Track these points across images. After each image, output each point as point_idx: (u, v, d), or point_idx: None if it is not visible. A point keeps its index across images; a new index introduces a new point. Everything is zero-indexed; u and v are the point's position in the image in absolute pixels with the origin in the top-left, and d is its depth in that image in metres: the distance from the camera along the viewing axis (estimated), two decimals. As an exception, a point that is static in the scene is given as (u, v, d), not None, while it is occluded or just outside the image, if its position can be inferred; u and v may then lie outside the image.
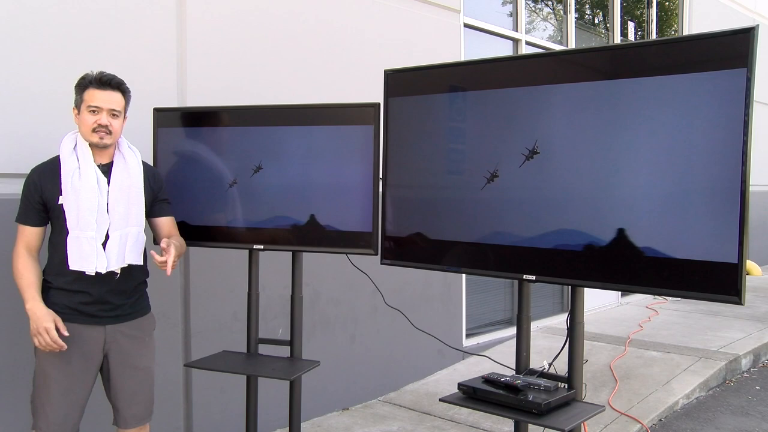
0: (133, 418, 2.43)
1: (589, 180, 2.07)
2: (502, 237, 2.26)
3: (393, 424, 3.71)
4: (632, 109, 1.99)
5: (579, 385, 2.19)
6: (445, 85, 2.42)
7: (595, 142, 2.06)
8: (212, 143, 2.79)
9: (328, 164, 2.65)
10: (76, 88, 2.31)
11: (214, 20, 3.28)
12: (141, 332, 2.45)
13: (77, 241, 2.25)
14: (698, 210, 1.89)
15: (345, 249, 2.66)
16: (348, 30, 3.89)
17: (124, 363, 2.39)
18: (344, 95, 3.13)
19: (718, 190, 1.85)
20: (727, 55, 1.84)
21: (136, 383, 2.42)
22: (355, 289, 3.88)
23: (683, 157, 1.91)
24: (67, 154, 2.29)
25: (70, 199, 2.25)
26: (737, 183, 1.81)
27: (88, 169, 2.28)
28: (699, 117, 1.88)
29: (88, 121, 2.27)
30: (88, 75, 2.29)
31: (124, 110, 2.36)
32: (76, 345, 2.29)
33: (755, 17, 8.32)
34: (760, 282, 7.74)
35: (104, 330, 2.34)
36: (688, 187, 1.90)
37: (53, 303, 2.29)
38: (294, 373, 2.64)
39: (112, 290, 2.33)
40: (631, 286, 2.07)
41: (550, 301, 5.86)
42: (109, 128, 2.28)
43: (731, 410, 4.00)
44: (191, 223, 2.79)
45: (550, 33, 6.16)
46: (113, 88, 2.29)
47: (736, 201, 1.82)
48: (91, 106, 2.26)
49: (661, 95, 1.94)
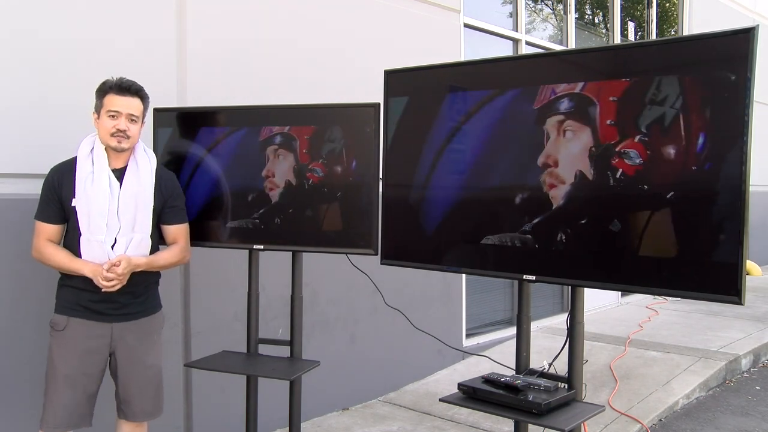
0: (143, 412, 2.48)
1: (589, 180, 2.07)
2: (502, 237, 2.26)
3: (393, 424, 3.71)
4: (632, 109, 1.99)
5: (579, 385, 2.19)
6: (445, 85, 2.42)
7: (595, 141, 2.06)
8: (212, 143, 2.79)
9: (328, 164, 2.65)
10: (97, 93, 2.37)
11: (214, 20, 3.28)
12: (148, 331, 2.49)
13: (88, 244, 2.33)
14: (698, 210, 1.89)
15: (345, 249, 2.66)
16: (348, 30, 3.89)
17: (132, 360, 2.43)
18: (344, 95, 3.13)
19: (718, 190, 1.85)
20: (727, 55, 1.84)
21: (145, 380, 2.46)
22: (355, 289, 3.88)
23: (683, 156, 1.91)
24: (83, 157, 2.36)
25: (82, 202, 2.32)
26: (737, 183, 1.81)
27: (102, 174, 2.35)
28: (699, 117, 1.88)
29: (107, 125, 2.33)
30: (109, 81, 2.36)
31: (143, 116, 2.43)
32: (83, 340, 2.36)
33: (755, 17, 8.32)
34: (760, 282, 7.74)
35: (111, 328, 2.39)
36: (688, 187, 1.90)
37: (65, 299, 2.38)
38: (294, 373, 2.64)
39: (120, 291, 2.36)
40: (631, 286, 2.07)
41: (550, 301, 5.85)
42: (128, 133, 2.35)
43: (731, 410, 4.00)
44: (191, 223, 2.78)
45: (550, 33, 6.16)
46: (132, 94, 2.37)
47: (736, 201, 1.82)
48: (111, 111, 2.33)
49: (660, 95, 1.94)
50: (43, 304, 2.54)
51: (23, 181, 2.68)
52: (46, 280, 2.54)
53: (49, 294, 2.47)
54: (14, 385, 2.68)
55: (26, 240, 2.44)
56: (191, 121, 2.84)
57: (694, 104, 1.89)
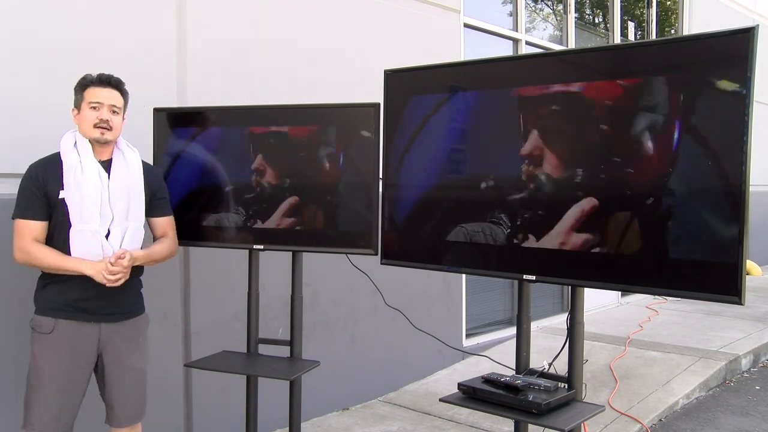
0: (127, 417, 2.45)
1: (589, 179, 2.07)
2: (502, 237, 2.26)
3: (393, 424, 3.71)
4: (632, 109, 1.99)
5: (579, 385, 2.19)
6: (445, 85, 2.42)
7: (595, 141, 2.06)
8: (212, 143, 2.79)
9: (328, 164, 2.65)
10: (76, 88, 2.35)
11: (214, 20, 3.28)
12: (136, 332, 2.46)
13: (81, 234, 2.27)
14: (698, 210, 1.89)
15: (345, 249, 2.66)
16: (348, 30, 3.89)
17: (119, 364, 2.40)
18: (344, 95, 3.13)
19: (718, 190, 1.85)
20: (727, 55, 1.84)
21: (130, 384, 2.43)
22: (355, 289, 3.88)
23: (683, 156, 1.91)
24: (67, 149, 2.32)
25: (73, 192, 2.27)
26: (737, 183, 1.81)
27: (90, 163, 2.31)
28: (699, 117, 1.88)
29: (89, 117, 2.31)
30: (88, 75, 2.35)
31: (123, 109, 2.40)
32: (72, 342, 2.31)
33: (755, 17, 8.32)
34: (760, 282, 7.73)
35: (99, 329, 2.35)
36: (688, 187, 1.90)
37: (49, 300, 2.31)
38: (294, 373, 2.64)
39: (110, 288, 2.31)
40: (631, 286, 2.07)
41: (550, 301, 5.85)
42: (110, 123, 2.32)
43: (731, 410, 4.00)
44: (191, 223, 2.78)
45: (550, 33, 6.16)
46: (113, 87, 2.35)
47: (736, 201, 1.82)
48: (93, 102, 2.31)
49: (660, 95, 1.94)
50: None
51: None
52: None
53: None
54: (16, 385, 2.67)
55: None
56: (191, 121, 2.84)
57: (693, 104, 1.89)
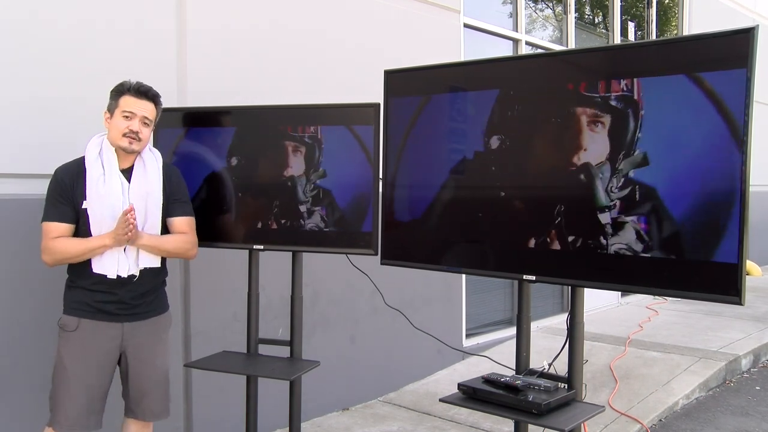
0: (151, 412, 2.48)
1: (589, 179, 2.07)
2: (502, 237, 2.26)
3: (393, 424, 3.71)
4: (632, 110, 1.99)
5: (579, 386, 2.19)
6: (445, 85, 2.42)
7: (595, 141, 2.06)
8: (212, 143, 2.79)
9: (328, 164, 2.65)
10: (112, 93, 2.37)
11: (214, 21, 3.28)
12: (157, 330, 2.50)
13: None
14: (698, 210, 1.89)
15: (345, 249, 2.66)
16: (348, 30, 3.89)
17: (142, 361, 2.44)
18: (344, 95, 3.13)
19: (718, 190, 1.85)
20: (727, 55, 1.84)
21: (153, 380, 2.47)
22: (355, 289, 3.88)
23: (683, 157, 1.91)
24: (92, 159, 2.34)
25: (95, 205, 2.31)
26: (737, 183, 1.81)
27: (113, 175, 2.34)
28: (699, 117, 1.88)
29: (120, 125, 2.33)
30: (127, 83, 2.37)
31: (154, 121, 2.43)
32: (94, 340, 2.36)
33: (755, 17, 8.32)
34: (760, 282, 7.73)
35: (122, 327, 2.39)
36: (688, 187, 1.90)
37: (74, 300, 2.37)
38: (294, 373, 2.64)
39: (131, 291, 2.38)
40: (631, 286, 2.08)
41: (550, 301, 5.85)
42: (140, 135, 2.34)
43: (731, 410, 4.00)
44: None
45: (550, 33, 6.16)
46: (149, 99, 2.38)
47: (736, 201, 1.82)
48: (126, 112, 2.33)
49: (660, 95, 1.94)
50: (48, 305, 2.53)
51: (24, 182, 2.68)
52: (49, 281, 2.53)
53: (52, 295, 2.45)
54: (16, 386, 2.68)
55: (27, 240, 2.43)
56: (192, 121, 2.84)
57: (694, 104, 1.89)
